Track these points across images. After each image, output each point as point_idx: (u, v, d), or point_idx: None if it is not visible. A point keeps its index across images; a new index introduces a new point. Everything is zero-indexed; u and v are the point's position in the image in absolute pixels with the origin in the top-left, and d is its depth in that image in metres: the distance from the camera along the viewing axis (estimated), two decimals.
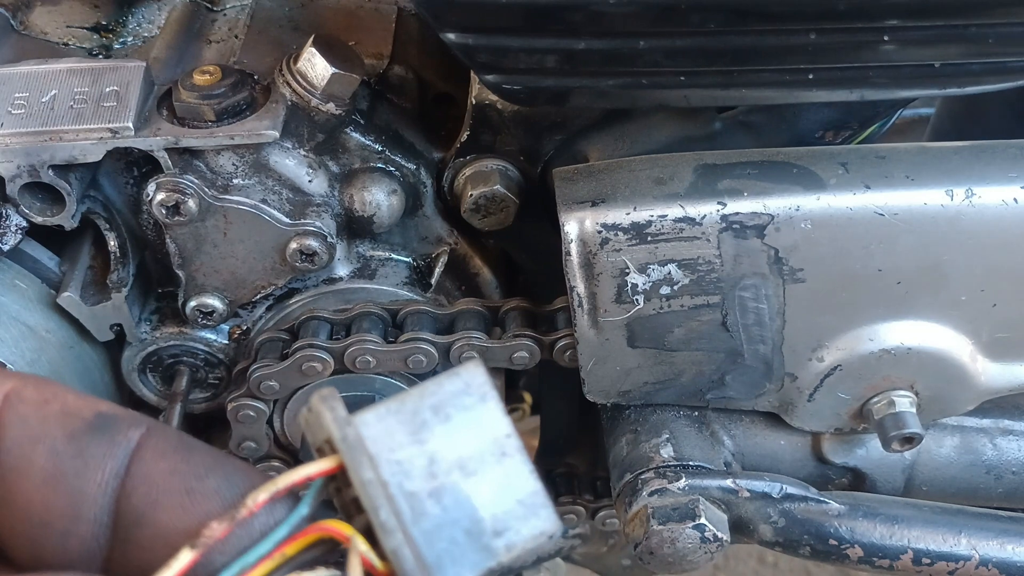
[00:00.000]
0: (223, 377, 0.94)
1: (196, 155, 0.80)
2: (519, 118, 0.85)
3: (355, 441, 0.39)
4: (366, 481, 0.38)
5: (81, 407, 0.40)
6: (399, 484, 0.39)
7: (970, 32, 0.66)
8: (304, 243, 0.82)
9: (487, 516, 0.40)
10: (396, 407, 0.40)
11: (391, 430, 0.40)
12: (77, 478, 0.38)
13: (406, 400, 0.41)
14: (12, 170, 0.76)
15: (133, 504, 0.38)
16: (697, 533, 0.80)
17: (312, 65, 0.80)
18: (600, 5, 0.64)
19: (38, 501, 0.38)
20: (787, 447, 0.91)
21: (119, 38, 0.89)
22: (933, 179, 0.76)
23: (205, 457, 0.40)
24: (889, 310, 0.79)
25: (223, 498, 0.39)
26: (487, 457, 0.40)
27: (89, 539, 0.38)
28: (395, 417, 0.40)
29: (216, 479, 0.39)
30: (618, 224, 0.75)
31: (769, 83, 0.73)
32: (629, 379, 0.83)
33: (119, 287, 0.84)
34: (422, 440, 0.40)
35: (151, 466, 0.39)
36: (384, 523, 0.38)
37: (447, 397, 0.41)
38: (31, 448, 0.38)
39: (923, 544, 0.83)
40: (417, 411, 0.40)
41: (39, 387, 0.40)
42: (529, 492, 0.41)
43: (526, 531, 0.40)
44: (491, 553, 0.39)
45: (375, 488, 0.38)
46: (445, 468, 0.40)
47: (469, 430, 0.41)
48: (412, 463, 0.39)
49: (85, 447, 0.39)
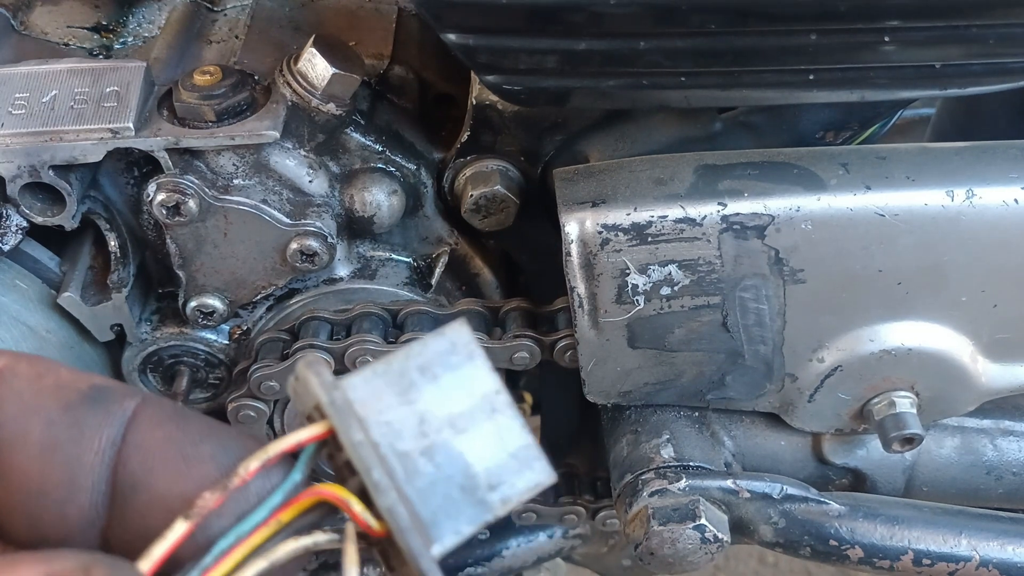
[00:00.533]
0: (223, 377, 0.94)
1: (196, 155, 0.80)
2: (519, 118, 0.85)
3: (343, 404, 0.39)
4: (356, 443, 0.38)
5: (76, 380, 0.40)
6: (390, 444, 0.39)
7: (971, 33, 0.66)
8: (304, 243, 0.82)
9: (481, 471, 0.40)
10: (383, 369, 0.40)
11: (379, 392, 0.40)
12: (74, 448, 0.38)
13: (392, 362, 0.40)
14: (13, 170, 0.76)
15: (130, 471, 0.38)
16: (697, 534, 0.80)
17: (312, 65, 0.80)
18: (601, 6, 0.64)
19: (35, 472, 0.38)
20: (787, 448, 0.91)
21: (119, 38, 0.89)
22: (934, 180, 0.76)
23: (200, 424, 0.40)
24: (889, 311, 0.79)
25: (219, 463, 0.39)
26: (477, 414, 0.40)
27: (87, 508, 0.38)
28: (382, 379, 0.40)
29: (211, 445, 0.39)
30: (618, 225, 0.75)
31: (770, 84, 0.73)
32: (629, 380, 0.83)
33: (119, 287, 0.84)
34: (411, 400, 0.40)
35: (147, 434, 0.39)
36: (377, 483, 0.37)
37: (433, 357, 0.41)
38: (26, 420, 0.38)
39: (924, 545, 0.83)
40: (404, 372, 0.40)
41: (32, 362, 0.40)
42: (521, 445, 0.41)
43: (521, 484, 0.40)
44: (487, 507, 0.39)
45: (366, 449, 0.38)
46: (436, 426, 0.40)
47: (458, 388, 0.41)
48: (402, 423, 0.39)
49: (81, 417, 0.39)
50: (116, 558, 0.36)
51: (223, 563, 0.37)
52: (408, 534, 0.37)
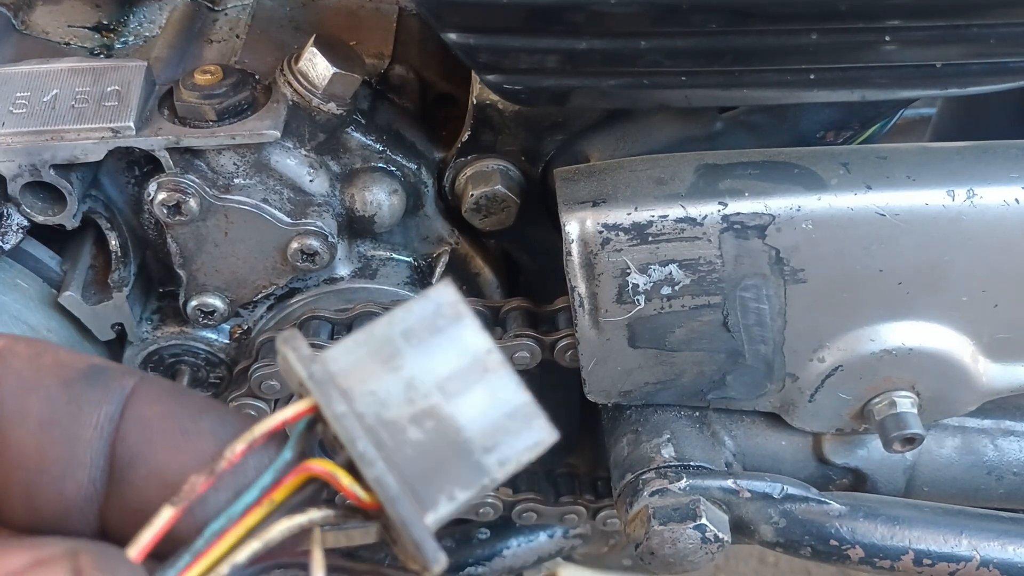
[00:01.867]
0: (224, 376, 0.94)
1: (197, 155, 0.80)
2: (520, 118, 0.85)
3: (323, 377, 0.37)
4: (339, 415, 0.37)
5: (74, 359, 0.40)
6: (376, 414, 0.37)
7: (972, 32, 0.66)
8: (305, 243, 0.82)
9: (475, 434, 0.38)
10: (364, 338, 0.39)
11: (362, 361, 0.38)
12: (72, 423, 0.38)
13: (375, 329, 0.39)
14: (13, 169, 0.76)
15: (128, 445, 0.38)
16: (698, 533, 0.80)
17: (313, 65, 0.80)
18: (601, 5, 0.64)
19: (33, 448, 0.38)
20: (788, 447, 0.91)
21: (120, 38, 0.89)
22: (934, 179, 0.76)
23: (199, 401, 0.40)
24: (890, 311, 0.79)
25: (217, 438, 0.38)
26: (469, 375, 0.39)
27: (86, 484, 0.38)
28: (365, 348, 0.38)
29: (210, 420, 0.39)
30: (619, 224, 0.75)
31: (770, 83, 0.73)
32: (630, 379, 0.83)
33: (120, 286, 0.84)
34: (396, 367, 0.38)
35: (145, 409, 0.39)
36: (363, 453, 0.36)
37: (418, 321, 0.39)
38: (25, 397, 0.38)
39: (924, 545, 0.83)
40: (388, 339, 0.39)
41: (30, 343, 0.40)
42: (518, 404, 0.39)
43: (519, 443, 0.38)
44: (483, 470, 0.37)
45: (349, 421, 0.37)
46: (424, 392, 0.38)
47: (446, 351, 0.39)
48: (388, 391, 0.38)
49: (79, 394, 0.39)
50: (104, 544, 0.36)
51: (216, 546, 0.36)
52: (398, 503, 0.36)
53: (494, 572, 1.10)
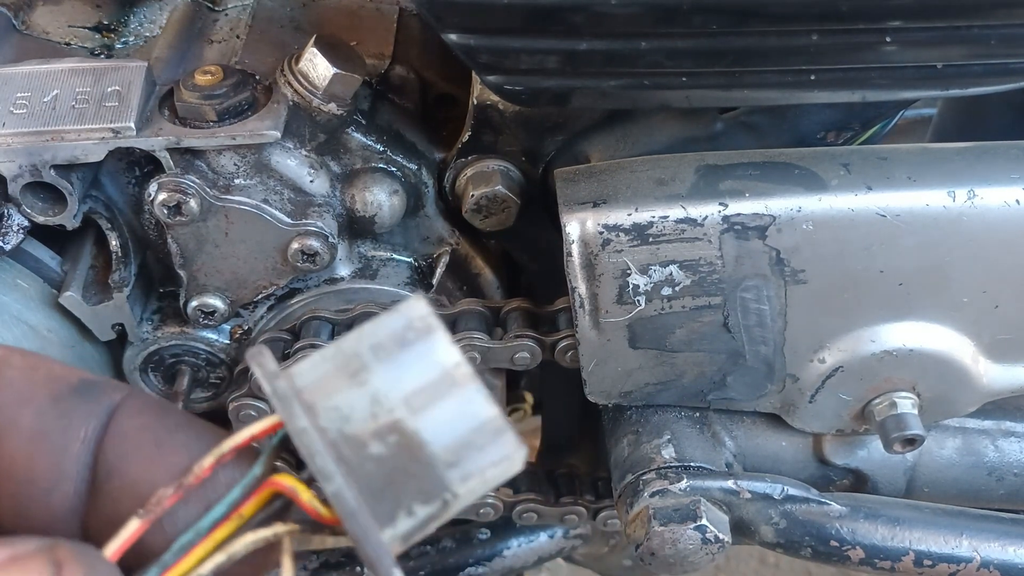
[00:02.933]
0: (224, 377, 0.94)
1: (198, 155, 0.80)
2: (520, 119, 0.85)
3: (286, 392, 0.38)
4: (300, 430, 0.37)
5: (66, 373, 0.41)
6: (338, 429, 0.37)
7: (972, 33, 0.66)
8: (305, 243, 0.82)
9: (439, 449, 0.37)
10: (332, 353, 0.39)
11: (328, 376, 0.38)
12: (61, 437, 0.39)
13: (343, 344, 0.39)
14: (14, 170, 0.76)
15: (107, 458, 0.39)
16: (698, 534, 0.80)
17: (314, 65, 0.80)
18: (602, 6, 0.64)
19: (23, 459, 0.39)
20: (788, 448, 0.91)
21: (121, 38, 0.89)
22: (935, 180, 0.76)
23: (178, 416, 0.41)
24: (891, 311, 0.79)
25: (191, 452, 0.39)
26: (435, 389, 0.38)
27: (71, 496, 0.39)
28: (332, 363, 0.39)
29: (186, 435, 0.40)
30: (619, 225, 0.75)
31: (771, 84, 0.73)
32: (630, 380, 0.83)
33: (121, 287, 0.84)
34: (362, 382, 0.38)
35: (126, 423, 0.40)
36: (321, 468, 0.36)
37: (388, 335, 0.39)
38: (18, 409, 0.39)
39: (925, 546, 0.83)
40: (356, 354, 0.39)
41: (26, 356, 0.41)
42: (486, 419, 0.38)
43: (484, 459, 0.37)
44: (444, 484, 0.37)
45: (309, 436, 0.37)
46: (389, 406, 0.38)
47: (414, 365, 0.39)
48: (352, 406, 0.38)
49: (69, 408, 0.39)
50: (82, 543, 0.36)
51: (184, 560, 0.37)
52: (354, 518, 0.36)
53: (494, 572, 1.10)
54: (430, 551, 1.09)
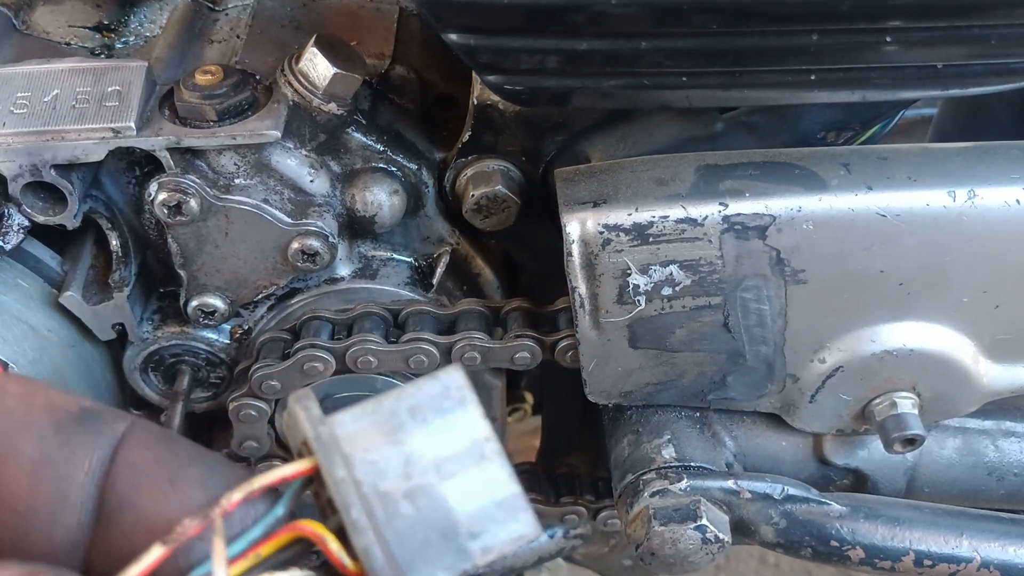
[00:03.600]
0: (225, 376, 0.94)
1: (198, 155, 0.80)
2: (521, 119, 0.85)
3: (329, 440, 0.39)
4: (338, 480, 0.38)
5: (66, 401, 0.40)
6: (373, 484, 0.38)
7: (972, 33, 0.66)
8: (306, 243, 0.82)
9: (463, 518, 0.39)
10: (373, 408, 0.40)
11: (367, 430, 0.39)
12: (65, 466, 0.38)
13: (383, 401, 0.40)
14: (14, 169, 0.77)
15: (117, 490, 0.39)
16: (698, 534, 0.80)
17: (314, 65, 0.80)
18: (602, 6, 0.64)
19: (25, 488, 0.38)
20: (789, 448, 0.91)
21: (121, 38, 0.89)
22: (935, 180, 0.76)
23: (189, 449, 0.41)
24: (891, 311, 0.79)
25: (205, 488, 0.39)
26: (465, 460, 0.40)
27: (74, 527, 0.38)
28: (371, 418, 0.40)
29: (198, 469, 0.40)
30: (620, 225, 0.75)
31: (771, 84, 0.73)
32: (631, 380, 0.83)
33: (121, 286, 0.84)
34: (398, 441, 0.40)
35: (136, 455, 0.39)
36: (355, 521, 0.37)
37: (425, 400, 0.41)
38: (18, 437, 0.38)
39: (925, 546, 0.83)
40: (394, 412, 0.40)
41: (22, 382, 0.40)
42: (507, 495, 0.40)
43: (503, 534, 0.39)
44: (466, 555, 0.39)
45: (347, 487, 0.38)
46: (421, 469, 0.39)
47: (447, 433, 0.40)
48: (387, 463, 0.39)
49: (72, 436, 0.39)
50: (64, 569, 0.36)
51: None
52: None
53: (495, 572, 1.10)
54: None
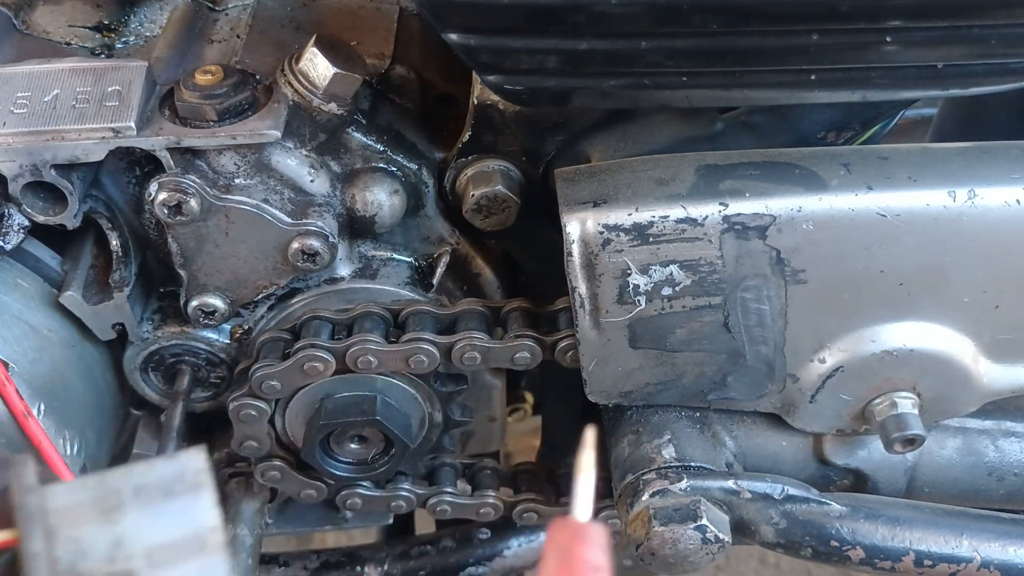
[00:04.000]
0: (225, 376, 0.94)
1: (198, 155, 0.80)
2: (521, 118, 0.85)
3: (34, 511, 0.37)
4: (33, 553, 0.36)
5: None
6: (71, 563, 0.37)
7: (972, 33, 0.66)
8: (306, 243, 0.82)
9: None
10: (95, 483, 0.38)
11: (81, 506, 0.37)
12: None
13: (108, 477, 0.38)
14: (14, 169, 0.77)
15: None
16: (698, 534, 0.80)
17: (314, 65, 0.80)
18: (602, 6, 0.64)
19: None
20: (789, 448, 0.90)
21: (121, 37, 0.89)
22: (935, 180, 0.76)
23: None
24: (891, 311, 0.79)
25: None
26: (182, 549, 0.38)
27: None
28: (90, 492, 0.38)
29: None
30: (620, 225, 0.75)
31: (771, 84, 0.73)
32: (631, 380, 0.83)
33: (121, 286, 0.84)
34: (112, 521, 0.37)
35: None
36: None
37: (156, 480, 0.38)
38: None
39: (925, 546, 0.83)
40: (117, 490, 0.38)
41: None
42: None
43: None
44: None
45: (40, 562, 0.36)
46: (129, 553, 0.37)
47: (170, 518, 0.38)
48: (92, 543, 0.37)
49: None
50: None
51: None
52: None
53: (495, 572, 1.10)
54: (430, 551, 1.09)
